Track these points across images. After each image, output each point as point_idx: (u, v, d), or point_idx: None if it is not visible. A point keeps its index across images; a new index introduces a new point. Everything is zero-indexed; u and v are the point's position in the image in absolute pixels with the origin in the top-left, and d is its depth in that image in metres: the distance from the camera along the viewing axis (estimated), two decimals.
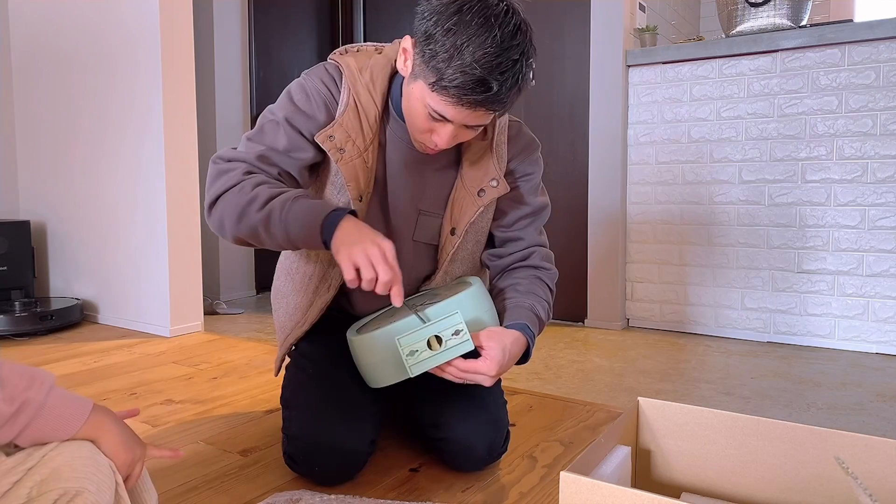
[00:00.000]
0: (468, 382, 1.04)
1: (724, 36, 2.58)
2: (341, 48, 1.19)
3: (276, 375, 1.36)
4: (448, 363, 1.02)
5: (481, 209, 1.16)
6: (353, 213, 1.04)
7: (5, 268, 2.64)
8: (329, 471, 1.11)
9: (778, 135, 2.36)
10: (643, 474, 1.00)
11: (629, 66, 2.62)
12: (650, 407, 0.99)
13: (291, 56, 3.52)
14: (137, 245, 2.55)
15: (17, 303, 2.54)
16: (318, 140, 1.09)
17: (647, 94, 2.59)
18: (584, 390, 1.83)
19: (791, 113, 2.33)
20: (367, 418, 1.15)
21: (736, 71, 2.42)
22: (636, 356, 2.23)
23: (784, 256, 2.37)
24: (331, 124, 1.10)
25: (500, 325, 1.11)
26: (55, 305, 2.59)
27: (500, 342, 1.04)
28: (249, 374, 1.91)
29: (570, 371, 2.02)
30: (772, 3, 2.40)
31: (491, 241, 1.27)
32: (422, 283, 1.26)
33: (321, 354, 1.25)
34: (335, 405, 1.13)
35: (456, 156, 1.19)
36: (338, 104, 1.12)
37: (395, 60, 1.11)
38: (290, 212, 1.00)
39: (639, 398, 1.00)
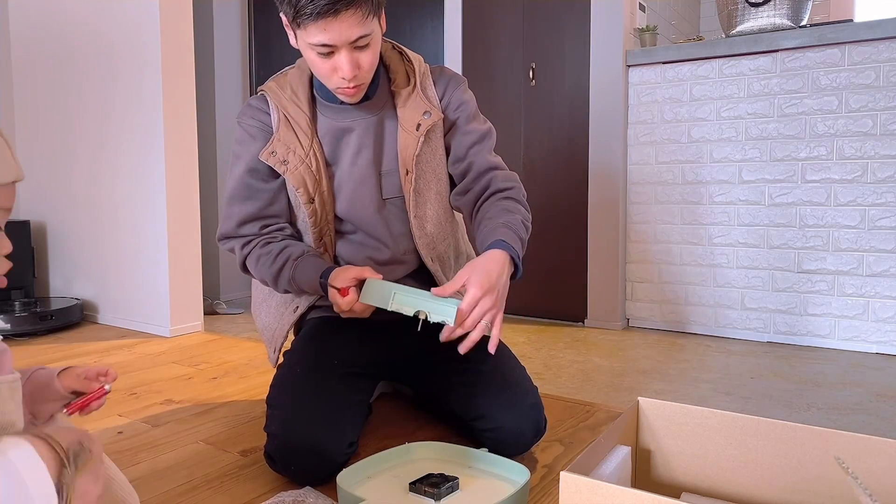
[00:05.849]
0: (476, 323, 1.01)
1: (724, 36, 2.58)
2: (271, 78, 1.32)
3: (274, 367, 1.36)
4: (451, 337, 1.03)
5: (421, 139, 1.22)
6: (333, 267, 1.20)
7: None
8: (304, 471, 1.10)
9: (778, 135, 2.36)
10: (643, 474, 1.00)
11: (629, 66, 2.62)
12: (650, 407, 0.98)
13: (291, 56, 3.50)
14: (137, 245, 2.55)
15: (17, 303, 2.54)
16: (262, 158, 1.22)
17: (647, 94, 2.59)
18: (584, 390, 1.83)
19: (791, 113, 2.33)
20: (347, 420, 1.14)
21: (736, 71, 2.42)
22: (636, 356, 2.22)
23: (784, 256, 2.37)
24: (270, 141, 1.23)
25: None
26: (55, 305, 2.59)
27: (471, 267, 1.04)
28: (249, 374, 1.91)
29: (570, 371, 2.02)
30: (772, 3, 2.40)
31: (454, 183, 1.31)
32: (405, 241, 1.30)
33: (312, 355, 1.25)
34: (315, 406, 1.12)
35: (394, 112, 1.26)
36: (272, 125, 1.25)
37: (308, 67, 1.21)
38: (296, 277, 1.21)
39: (639, 398, 1.00)
